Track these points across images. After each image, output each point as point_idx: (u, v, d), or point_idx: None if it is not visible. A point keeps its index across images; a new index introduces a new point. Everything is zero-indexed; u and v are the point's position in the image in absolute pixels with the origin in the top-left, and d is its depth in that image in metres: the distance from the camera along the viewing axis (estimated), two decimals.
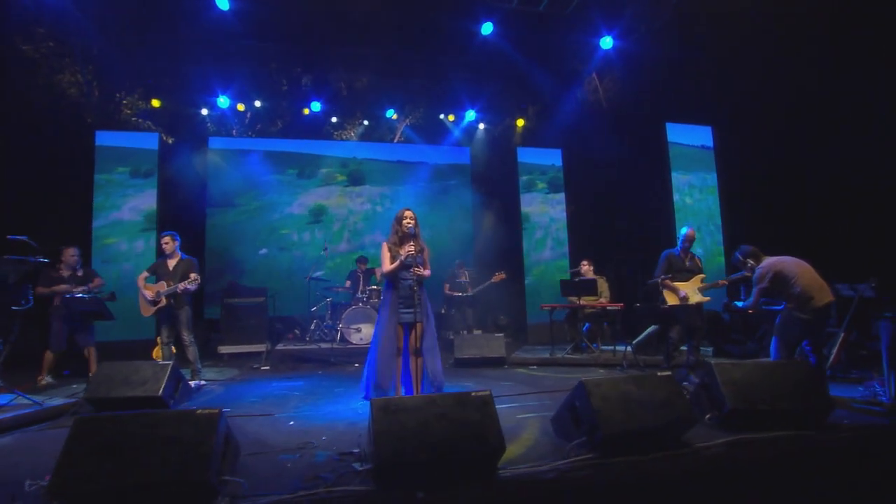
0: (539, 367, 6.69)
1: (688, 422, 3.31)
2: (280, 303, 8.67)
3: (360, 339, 7.57)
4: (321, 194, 10.29)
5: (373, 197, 10.53)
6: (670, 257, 5.26)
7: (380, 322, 4.51)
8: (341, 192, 10.41)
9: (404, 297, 4.46)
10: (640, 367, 6.05)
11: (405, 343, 4.53)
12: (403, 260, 4.39)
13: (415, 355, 4.50)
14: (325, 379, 6.26)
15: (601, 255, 9.48)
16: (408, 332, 4.53)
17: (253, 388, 5.68)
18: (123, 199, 7.90)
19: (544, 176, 10.03)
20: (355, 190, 10.46)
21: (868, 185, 6.51)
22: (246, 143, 9.86)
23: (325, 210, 10.25)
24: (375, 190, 10.54)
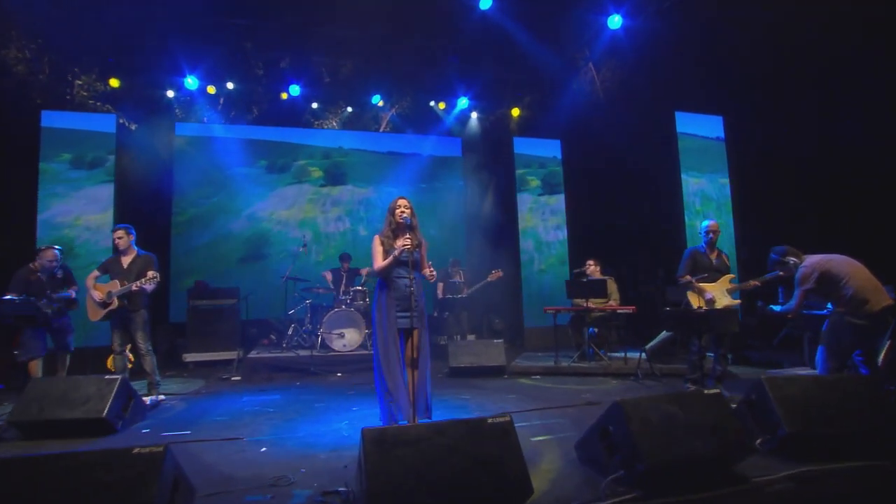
0: (543, 377, 6.18)
1: (743, 450, 2.82)
2: (254, 305, 8.02)
3: (342, 345, 6.98)
4: (294, 198, 9.63)
5: (352, 207, 9.79)
6: (695, 255, 4.80)
7: (376, 326, 3.93)
8: (314, 197, 9.68)
9: (400, 298, 3.89)
10: (657, 376, 5.58)
11: (401, 352, 3.96)
12: (398, 255, 3.83)
13: (410, 367, 3.93)
14: (304, 391, 5.67)
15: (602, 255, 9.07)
16: (403, 340, 3.97)
17: (220, 404, 5.06)
18: (74, 188, 7.16)
19: (542, 169, 9.56)
20: (332, 194, 9.75)
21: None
22: (218, 131, 9.16)
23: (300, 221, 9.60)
24: (358, 194, 9.82)
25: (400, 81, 9.84)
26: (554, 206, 9.49)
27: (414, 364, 3.91)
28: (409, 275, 3.85)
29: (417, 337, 3.92)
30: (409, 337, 3.95)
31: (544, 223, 9.45)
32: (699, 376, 4.65)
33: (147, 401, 4.73)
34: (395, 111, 10.25)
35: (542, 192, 9.51)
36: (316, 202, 9.64)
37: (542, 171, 9.57)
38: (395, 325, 3.88)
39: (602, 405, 4.65)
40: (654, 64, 8.04)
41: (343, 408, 4.86)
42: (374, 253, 3.98)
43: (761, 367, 6.12)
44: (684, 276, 4.79)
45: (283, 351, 6.98)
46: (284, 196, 9.50)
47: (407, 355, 3.95)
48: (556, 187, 9.56)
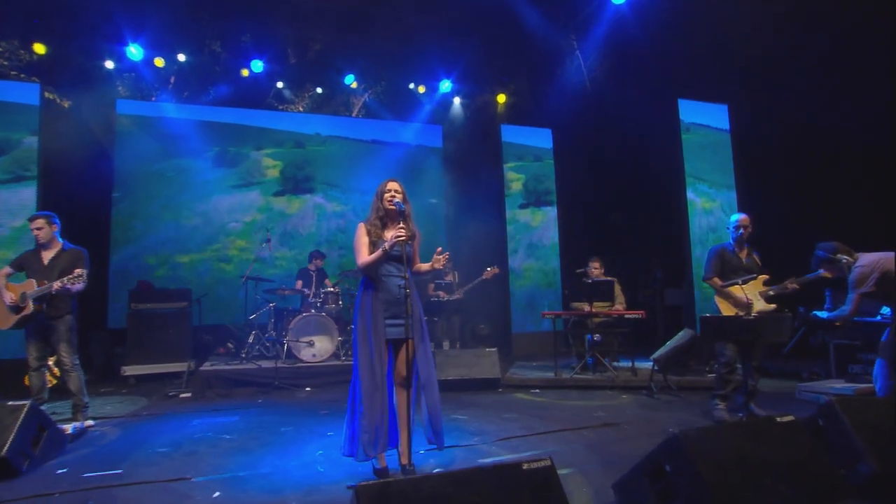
0: (542, 391, 5.66)
1: (839, 492, 2.33)
2: (209, 309, 7.23)
3: (311, 355, 6.28)
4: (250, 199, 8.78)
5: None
6: (722, 254, 4.35)
7: (358, 335, 3.30)
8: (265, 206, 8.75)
9: (390, 301, 3.28)
10: (674, 390, 5.13)
11: (389, 368, 3.34)
12: (388, 249, 3.21)
13: (402, 387, 3.32)
14: (268, 411, 4.97)
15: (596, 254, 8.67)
16: (393, 353, 3.36)
17: (164, 429, 4.31)
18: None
19: (535, 163, 9.04)
20: (292, 206, 8.91)
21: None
22: (170, 110, 8.29)
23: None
24: (320, 204, 9.01)
25: (376, 60, 9.20)
26: (544, 200, 9.01)
27: (405, 383, 3.30)
28: (402, 272, 3.23)
29: (412, 349, 3.31)
30: (400, 350, 3.34)
31: (533, 218, 8.95)
32: (729, 392, 4.20)
33: (69, 429, 3.95)
34: (369, 95, 9.60)
35: (527, 197, 8.99)
36: (271, 210, 8.76)
37: (531, 166, 9.05)
38: (382, 334, 3.26)
39: (621, 426, 4.16)
40: (656, 46, 7.65)
41: (316, 432, 4.20)
42: (358, 245, 3.34)
43: (783, 378, 5.76)
44: (712, 277, 4.33)
45: (243, 362, 6.24)
46: (236, 201, 8.68)
47: (397, 372, 3.34)
48: (546, 201, 9.07)
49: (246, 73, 8.61)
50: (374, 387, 3.20)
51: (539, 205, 9.07)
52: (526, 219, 8.96)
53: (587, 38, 8.71)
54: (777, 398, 4.54)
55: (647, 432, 3.97)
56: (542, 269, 8.82)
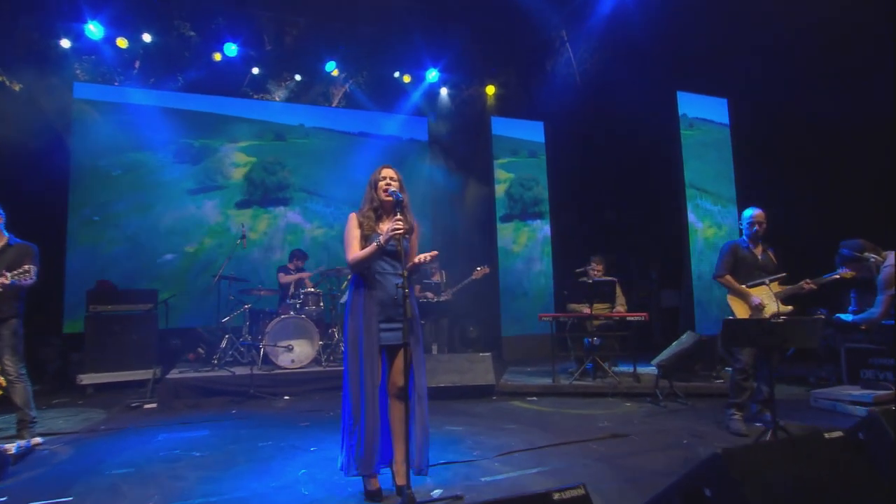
0: (540, 398, 5.42)
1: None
2: (177, 311, 6.85)
3: (290, 360, 5.94)
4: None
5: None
6: (735, 250, 4.17)
7: (348, 340, 3.01)
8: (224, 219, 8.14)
9: (385, 303, 2.99)
10: (681, 398, 4.94)
11: (382, 378, 3.05)
12: (384, 243, 2.91)
13: (397, 398, 3.03)
14: (243, 423, 4.62)
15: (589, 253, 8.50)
16: (387, 361, 3.07)
17: (124, 446, 3.94)
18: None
19: (517, 167, 8.79)
20: (259, 224, 8.28)
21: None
22: (135, 96, 7.81)
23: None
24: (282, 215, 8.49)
25: (359, 47, 8.86)
26: (532, 212, 8.80)
27: (401, 394, 3.02)
28: (399, 270, 2.94)
29: (409, 357, 3.02)
30: (396, 357, 3.05)
31: (517, 238, 8.70)
32: (745, 401, 4.01)
33: (13, 448, 3.55)
34: (352, 84, 9.23)
35: (510, 207, 8.71)
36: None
37: (521, 164, 8.82)
38: (376, 339, 2.96)
39: (630, 438, 3.93)
40: (655, 35, 7.48)
41: (298, 448, 3.88)
42: (349, 239, 3.04)
43: (788, 383, 5.62)
44: (724, 276, 4.15)
45: (215, 369, 5.86)
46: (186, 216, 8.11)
47: (392, 382, 3.05)
48: (533, 188, 8.85)
49: (219, 58, 8.20)
50: (366, 398, 2.91)
51: (525, 217, 8.74)
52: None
53: (580, 27, 8.56)
54: (790, 406, 4.38)
55: (659, 444, 3.76)
56: (534, 296, 8.60)
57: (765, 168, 7.33)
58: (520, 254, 8.61)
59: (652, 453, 3.58)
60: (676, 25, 7.21)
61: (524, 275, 8.63)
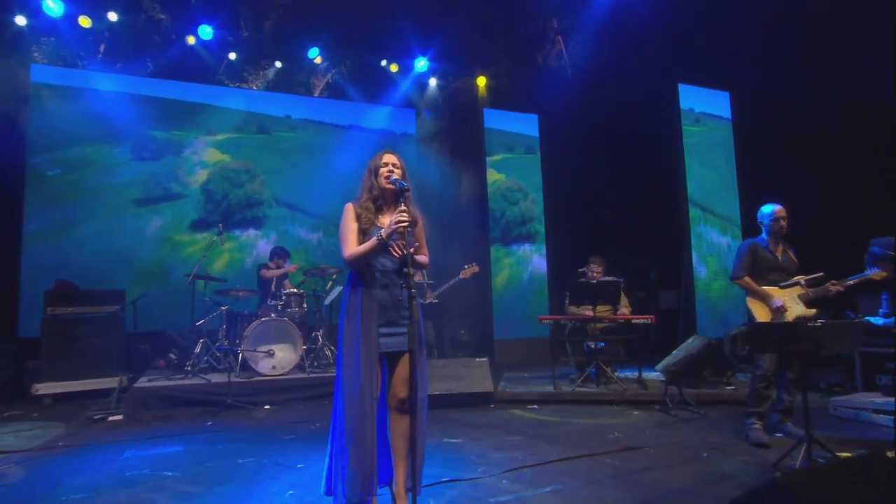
0: (541, 406, 5.21)
1: None
2: (147, 313, 6.44)
3: (271, 366, 5.63)
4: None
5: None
6: (754, 250, 4.00)
7: (343, 345, 2.74)
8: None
9: (385, 304, 2.73)
10: (692, 406, 4.76)
11: (382, 388, 2.79)
12: (385, 237, 2.65)
13: (398, 412, 2.78)
14: (221, 437, 4.30)
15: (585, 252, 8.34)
16: (388, 370, 2.81)
17: (85, 465, 3.59)
18: None
19: (509, 166, 8.59)
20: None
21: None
22: (101, 81, 7.36)
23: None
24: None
25: (344, 33, 8.54)
26: (520, 235, 8.60)
27: (403, 406, 2.77)
28: (404, 268, 2.68)
29: (411, 364, 2.76)
30: (398, 365, 2.79)
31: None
32: (765, 410, 3.85)
33: None
34: (335, 72, 8.91)
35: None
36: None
37: (514, 164, 8.62)
38: (375, 345, 2.70)
39: (645, 451, 3.74)
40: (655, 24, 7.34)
41: (282, 465, 3.59)
42: (345, 232, 2.77)
43: None
44: (742, 277, 3.98)
45: (188, 376, 5.51)
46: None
47: (393, 393, 2.79)
48: (520, 200, 8.67)
49: (192, 41, 7.80)
50: (363, 412, 2.64)
51: (508, 241, 8.43)
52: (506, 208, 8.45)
53: (577, 15, 8.40)
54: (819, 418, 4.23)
55: (677, 458, 3.57)
56: (527, 266, 8.43)
57: (769, 164, 7.25)
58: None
59: (672, 468, 3.38)
60: (679, 13, 7.10)
61: (516, 277, 8.44)
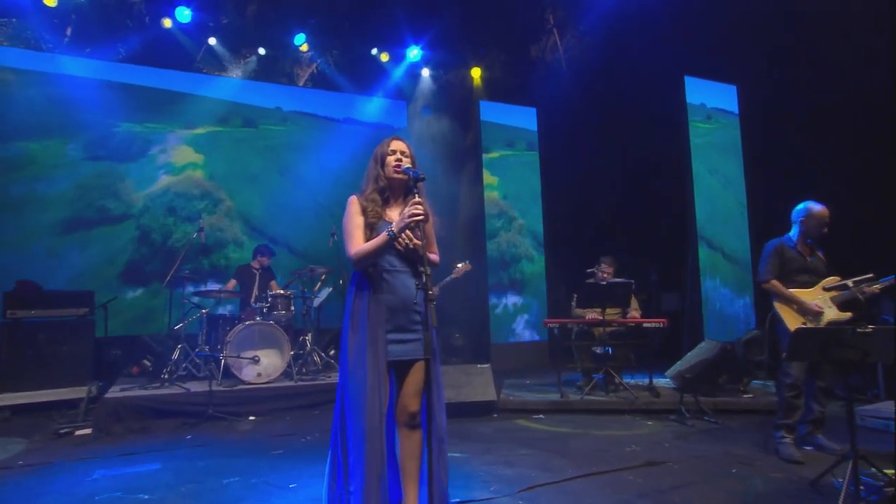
0: (548, 416, 5.00)
1: None
2: (119, 316, 6.10)
3: (256, 374, 5.34)
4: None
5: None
6: (782, 250, 3.83)
7: (347, 357, 2.50)
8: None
9: (395, 308, 2.49)
10: (708, 415, 4.59)
11: (390, 400, 2.55)
12: (397, 232, 2.41)
13: (409, 427, 2.54)
14: (202, 453, 4.01)
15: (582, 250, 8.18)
16: (396, 380, 2.57)
17: (49, 488, 3.28)
18: None
19: (505, 168, 8.39)
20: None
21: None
22: (70, 65, 6.97)
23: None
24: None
25: (331, 18, 8.24)
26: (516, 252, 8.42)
27: (413, 421, 2.54)
28: (420, 267, 2.46)
29: (423, 373, 2.54)
30: (408, 375, 2.55)
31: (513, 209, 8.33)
32: (796, 421, 3.68)
33: None
34: (322, 61, 8.59)
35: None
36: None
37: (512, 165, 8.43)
38: (384, 354, 2.46)
39: (668, 466, 3.55)
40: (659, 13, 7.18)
41: (273, 484, 3.34)
42: (350, 228, 2.53)
43: None
44: (770, 280, 3.80)
45: (165, 385, 5.19)
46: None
47: (402, 407, 2.56)
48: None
49: (169, 24, 7.45)
50: (370, 428, 2.39)
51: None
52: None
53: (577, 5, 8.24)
54: (832, 425, 4.07)
55: (705, 474, 3.38)
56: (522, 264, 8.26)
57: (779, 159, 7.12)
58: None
59: (700, 486, 3.19)
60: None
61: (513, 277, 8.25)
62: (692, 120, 7.12)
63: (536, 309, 8.22)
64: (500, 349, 7.89)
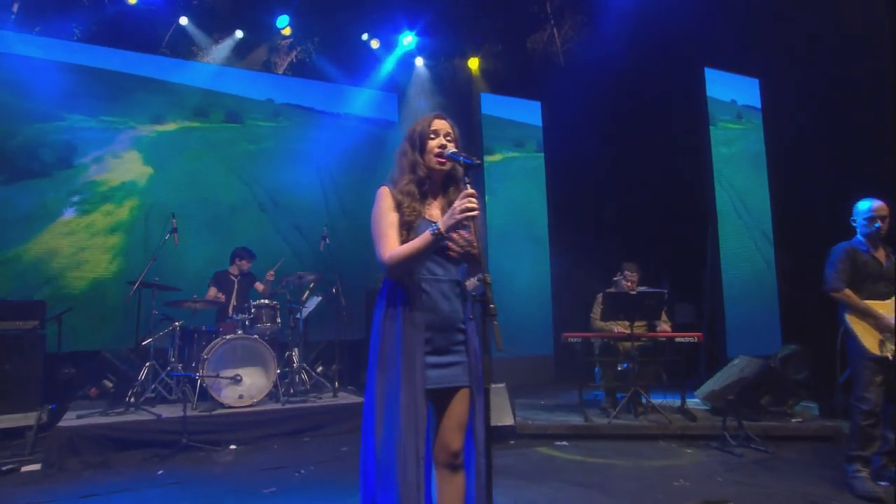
0: (572, 442, 4.65)
1: None
2: (76, 328, 5.54)
3: (237, 396, 4.87)
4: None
5: None
6: (853, 255, 3.55)
7: (375, 385, 2.11)
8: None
9: (435, 326, 2.12)
10: (755, 442, 4.27)
11: (427, 435, 2.15)
12: (445, 232, 2.02)
13: (450, 470, 2.15)
14: (177, 494, 3.55)
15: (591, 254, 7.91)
16: (435, 412, 2.18)
17: None
18: None
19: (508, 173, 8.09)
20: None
21: None
22: (20, 46, 6.41)
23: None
24: None
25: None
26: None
27: (456, 461, 2.16)
28: (456, 274, 2.12)
29: (467, 403, 2.17)
30: (449, 406, 2.16)
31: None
32: (871, 453, 3.39)
33: None
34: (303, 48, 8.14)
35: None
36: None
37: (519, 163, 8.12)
38: (422, 381, 2.07)
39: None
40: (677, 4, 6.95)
41: None
42: (382, 227, 2.14)
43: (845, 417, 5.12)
44: (842, 290, 3.51)
45: (130, 409, 4.67)
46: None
47: (442, 444, 2.16)
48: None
49: (133, 1, 6.95)
50: (405, 470, 2.02)
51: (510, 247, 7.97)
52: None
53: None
54: None
55: None
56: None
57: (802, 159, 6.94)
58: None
59: None
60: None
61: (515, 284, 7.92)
62: (720, 119, 6.87)
63: (541, 320, 7.90)
64: (503, 364, 7.52)
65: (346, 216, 7.55)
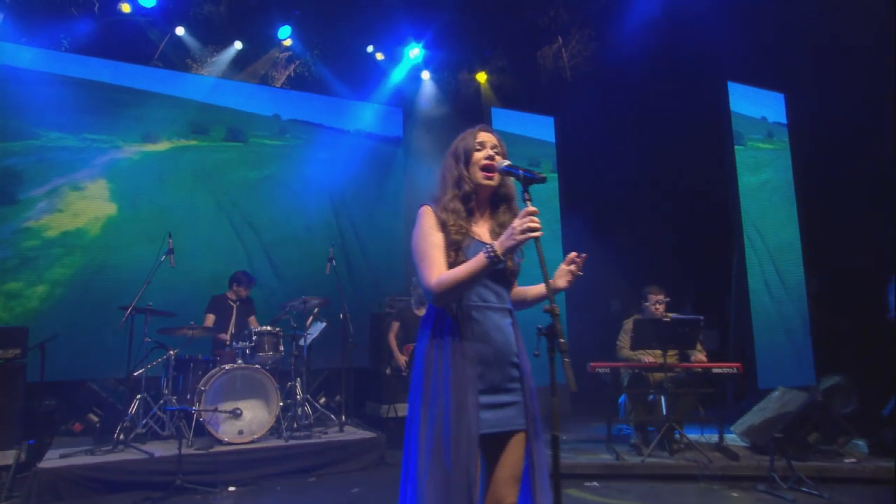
0: (603, 483, 4.40)
1: None
2: (60, 357, 5.25)
3: (237, 431, 4.61)
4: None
5: None
6: None
7: (419, 425, 1.90)
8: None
9: (488, 360, 1.94)
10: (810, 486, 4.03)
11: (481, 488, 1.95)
12: (501, 255, 1.83)
13: None
14: None
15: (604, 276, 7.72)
16: (486, 461, 1.97)
17: None
18: None
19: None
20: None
21: None
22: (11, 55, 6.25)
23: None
24: None
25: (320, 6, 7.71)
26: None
27: None
28: (506, 302, 1.98)
29: (523, 449, 1.98)
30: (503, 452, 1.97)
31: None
32: None
33: None
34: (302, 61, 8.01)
35: None
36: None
37: None
38: (476, 424, 1.87)
39: None
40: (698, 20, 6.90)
41: None
42: (426, 247, 1.96)
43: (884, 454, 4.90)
44: None
45: (119, 447, 4.40)
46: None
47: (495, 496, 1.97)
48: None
49: (127, 9, 6.83)
50: None
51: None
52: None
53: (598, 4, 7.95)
54: None
55: None
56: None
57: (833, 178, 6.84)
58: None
59: None
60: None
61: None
62: (749, 138, 6.75)
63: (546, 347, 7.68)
64: None
65: (356, 237, 7.38)
